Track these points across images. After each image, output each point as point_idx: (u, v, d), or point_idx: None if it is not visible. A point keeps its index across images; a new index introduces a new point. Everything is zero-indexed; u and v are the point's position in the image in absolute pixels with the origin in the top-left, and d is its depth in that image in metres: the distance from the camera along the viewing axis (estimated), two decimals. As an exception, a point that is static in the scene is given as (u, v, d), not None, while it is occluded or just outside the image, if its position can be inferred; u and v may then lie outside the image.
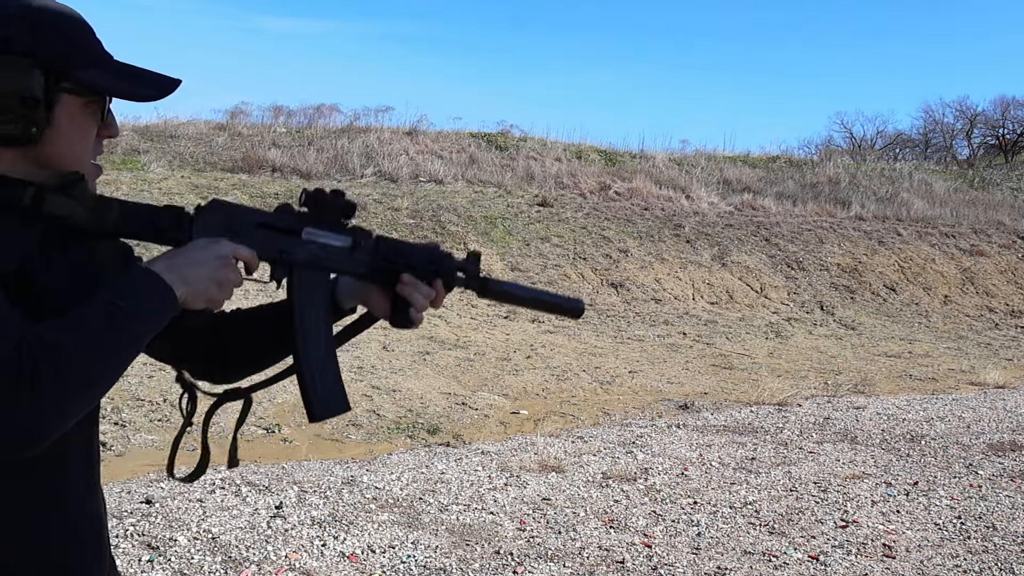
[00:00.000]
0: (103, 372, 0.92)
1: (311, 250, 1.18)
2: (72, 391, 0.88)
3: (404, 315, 1.28)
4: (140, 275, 0.97)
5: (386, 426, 5.79)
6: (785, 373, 8.51)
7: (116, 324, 0.92)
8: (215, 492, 4.14)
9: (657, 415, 6.57)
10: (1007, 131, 34.54)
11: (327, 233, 1.19)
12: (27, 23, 0.95)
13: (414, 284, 1.26)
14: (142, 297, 0.95)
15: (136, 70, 1.06)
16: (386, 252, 1.26)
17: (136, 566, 3.29)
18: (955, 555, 3.81)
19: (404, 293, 1.26)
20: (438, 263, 1.31)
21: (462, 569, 3.44)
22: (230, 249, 1.05)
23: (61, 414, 0.88)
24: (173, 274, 0.99)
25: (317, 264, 1.19)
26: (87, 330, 0.90)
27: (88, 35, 1.03)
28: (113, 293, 0.93)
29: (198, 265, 1.01)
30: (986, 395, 7.83)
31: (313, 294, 1.21)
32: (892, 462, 5.34)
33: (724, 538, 3.91)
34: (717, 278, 12.69)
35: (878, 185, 18.12)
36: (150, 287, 0.97)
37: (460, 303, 10.42)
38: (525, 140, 17.37)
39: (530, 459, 5.05)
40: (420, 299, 1.27)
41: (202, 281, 1.01)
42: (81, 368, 0.88)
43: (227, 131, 14.79)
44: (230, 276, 1.05)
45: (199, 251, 1.03)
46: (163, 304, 0.98)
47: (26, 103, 0.94)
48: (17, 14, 0.95)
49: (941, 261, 14.58)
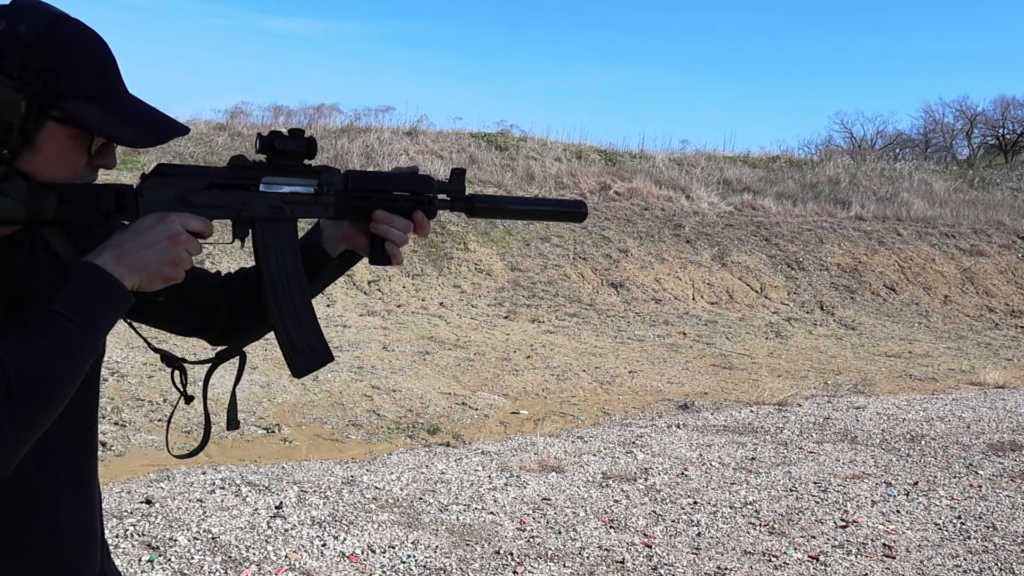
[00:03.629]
0: (60, 390, 0.91)
1: (270, 201, 1.13)
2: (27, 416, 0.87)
3: (381, 252, 1.22)
4: (87, 277, 0.95)
5: (386, 426, 5.79)
6: (785, 373, 8.51)
7: (70, 339, 0.91)
8: (215, 492, 4.14)
9: (657, 415, 6.57)
10: (1007, 131, 34.54)
11: (287, 180, 1.15)
12: (26, 46, 0.94)
13: (388, 219, 1.21)
14: (92, 303, 0.94)
15: (141, 110, 1.03)
16: (355, 189, 1.20)
17: (136, 566, 3.29)
18: (955, 555, 3.81)
19: (379, 231, 1.22)
20: (415, 190, 1.24)
21: (462, 569, 3.44)
22: (179, 224, 1.02)
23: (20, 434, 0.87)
24: (121, 264, 0.97)
25: (280, 216, 1.15)
26: (40, 351, 0.89)
27: (97, 66, 1.01)
28: (65, 306, 0.92)
29: (147, 248, 0.99)
30: (986, 395, 7.83)
31: (280, 246, 1.16)
32: (892, 462, 5.34)
33: (724, 538, 3.91)
34: (717, 278, 12.69)
35: (878, 185, 18.13)
36: (99, 289, 0.95)
37: (460, 303, 10.43)
38: (525, 140, 17.38)
39: (530, 459, 5.05)
40: (397, 234, 1.22)
41: (153, 265, 0.99)
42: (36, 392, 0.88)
43: (227, 131, 14.79)
44: (182, 254, 1.02)
45: (147, 233, 1.00)
46: (114, 305, 0.96)
47: (1, 125, 0.93)
48: (23, 35, 0.94)
49: (941, 261, 14.58)
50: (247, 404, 5.75)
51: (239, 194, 1.11)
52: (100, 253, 0.97)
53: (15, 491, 1.01)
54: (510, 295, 11.04)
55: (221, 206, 1.09)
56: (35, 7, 0.97)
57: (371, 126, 16.83)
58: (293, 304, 1.18)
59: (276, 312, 1.17)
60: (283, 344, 1.18)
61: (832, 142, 37.13)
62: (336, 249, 1.26)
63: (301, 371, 1.19)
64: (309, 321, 1.19)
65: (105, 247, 0.98)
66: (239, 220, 1.12)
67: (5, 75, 0.93)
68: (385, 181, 1.23)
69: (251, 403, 5.83)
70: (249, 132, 14.99)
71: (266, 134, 1.13)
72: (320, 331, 1.21)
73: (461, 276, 11.29)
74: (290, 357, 1.18)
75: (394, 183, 1.24)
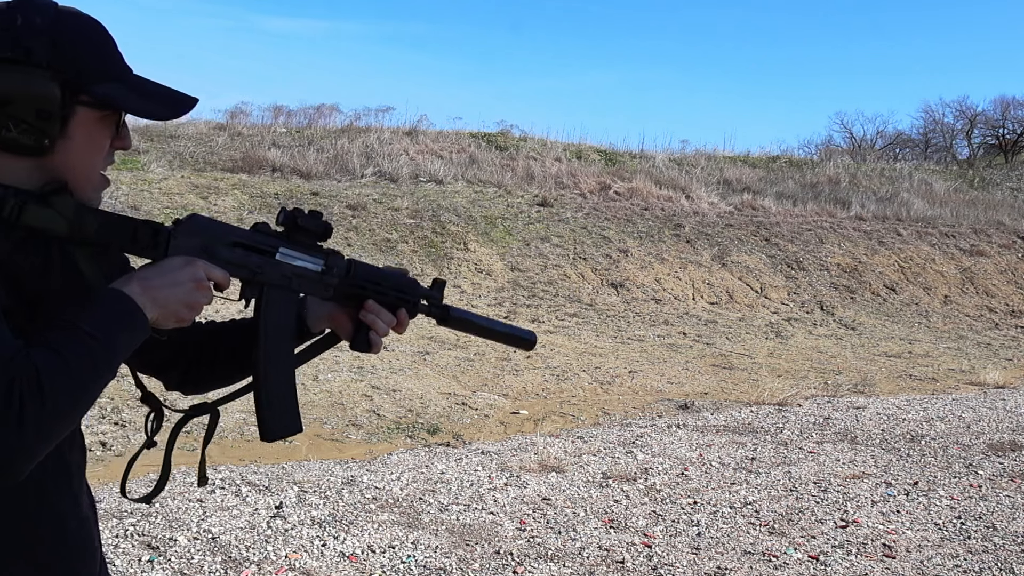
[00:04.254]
0: (80, 404, 0.92)
1: (283, 272, 1.19)
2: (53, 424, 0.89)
3: (364, 339, 1.30)
4: (115, 301, 0.97)
5: (386, 426, 5.79)
6: (785, 373, 8.51)
7: (94, 355, 0.92)
8: (215, 492, 4.14)
9: (657, 415, 6.57)
10: (1007, 131, 34.53)
11: (301, 255, 1.20)
12: (49, 36, 0.97)
13: (377, 311, 1.29)
14: (116, 326, 0.96)
15: (153, 87, 1.07)
16: (356, 277, 1.28)
17: (136, 566, 3.29)
18: (955, 555, 3.81)
19: (367, 320, 1.29)
20: (405, 292, 1.34)
21: (462, 569, 3.44)
22: (204, 271, 1.06)
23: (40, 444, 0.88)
24: (146, 296, 0.99)
25: (288, 286, 1.20)
26: (69, 364, 0.90)
27: (110, 49, 1.05)
28: (90, 324, 0.94)
29: (173, 287, 1.02)
30: (986, 395, 7.83)
31: (280, 315, 1.21)
32: (892, 462, 5.34)
33: (724, 538, 3.91)
34: (717, 278, 12.69)
35: (878, 185, 18.13)
36: (124, 314, 0.97)
37: (460, 303, 10.42)
38: (525, 140, 17.38)
39: (530, 459, 5.05)
40: (382, 326, 1.30)
41: (173, 304, 1.02)
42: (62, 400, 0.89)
43: (227, 131, 14.79)
44: (201, 299, 1.06)
45: (175, 272, 1.03)
46: (135, 331, 0.99)
47: (41, 115, 0.96)
48: (41, 27, 0.96)
49: (941, 261, 14.58)
50: (247, 404, 5.74)
51: (258, 258, 1.16)
52: (128, 282, 1.00)
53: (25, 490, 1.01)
54: (510, 295, 11.04)
55: (240, 265, 1.13)
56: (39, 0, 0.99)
57: (371, 126, 16.83)
58: (279, 370, 1.23)
59: (264, 377, 1.21)
60: (261, 408, 1.22)
61: (832, 142, 37.14)
62: (317, 326, 1.32)
63: (272, 437, 1.23)
64: (291, 391, 1.24)
65: (132, 278, 1.01)
66: (251, 282, 1.17)
67: (36, 66, 0.95)
68: (382, 276, 1.32)
69: (251, 403, 5.81)
70: (249, 132, 14.99)
71: (290, 209, 1.20)
72: (297, 402, 1.26)
73: (461, 276, 11.29)
74: (264, 422, 1.22)
75: (389, 280, 1.33)
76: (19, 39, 0.95)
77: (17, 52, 0.95)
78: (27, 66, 0.95)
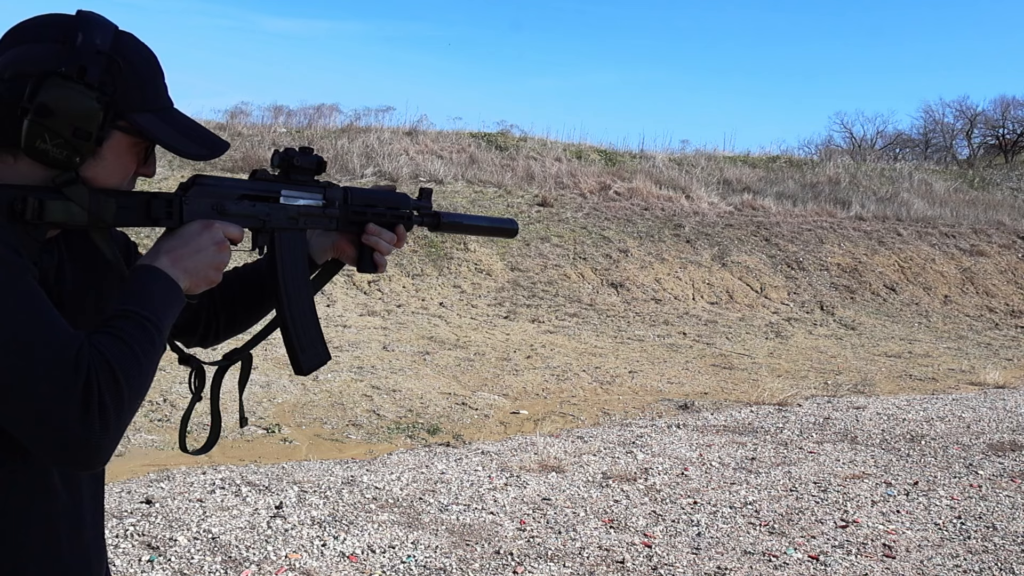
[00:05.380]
0: (145, 384, 0.95)
1: (289, 213, 1.24)
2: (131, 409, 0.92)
3: (369, 261, 1.37)
4: (153, 280, 1.01)
5: (386, 426, 5.79)
6: (785, 373, 8.51)
7: (152, 337, 0.96)
8: (215, 492, 4.14)
9: (657, 415, 6.57)
10: (1007, 131, 34.53)
11: (301, 193, 1.25)
12: (106, 58, 0.98)
13: (379, 232, 1.35)
14: (162, 303, 1.00)
15: (189, 124, 1.08)
16: (354, 203, 1.34)
17: (136, 566, 3.29)
18: (955, 555, 3.81)
19: (370, 242, 1.35)
20: (400, 207, 1.40)
21: (462, 569, 3.44)
22: (222, 231, 1.09)
23: (121, 432, 0.91)
24: (177, 268, 1.03)
25: (295, 226, 1.26)
26: (134, 349, 0.93)
27: (158, 80, 1.06)
28: (145, 308, 0.97)
29: (198, 253, 1.06)
30: (986, 395, 7.83)
31: (293, 254, 1.26)
32: (892, 462, 5.34)
33: (724, 538, 3.91)
34: (717, 278, 12.68)
35: (878, 185, 18.12)
36: (166, 291, 1.01)
37: (460, 303, 10.43)
38: (525, 140, 17.38)
39: (530, 459, 5.05)
40: (384, 245, 1.36)
41: (203, 269, 1.06)
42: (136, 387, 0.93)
43: (227, 131, 14.78)
44: (225, 259, 1.10)
45: (197, 238, 1.07)
46: (176, 304, 1.03)
47: (78, 134, 0.96)
48: (100, 48, 0.98)
49: (941, 261, 14.58)
50: (247, 404, 5.75)
51: (264, 206, 1.21)
52: (157, 257, 1.03)
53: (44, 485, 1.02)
54: (510, 295, 11.04)
55: (250, 216, 1.19)
56: (100, 19, 1.01)
57: (371, 126, 16.83)
58: (302, 308, 1.29)
59: (288, 315, 1.27)
60: (291, 345, 1.27)
61: (832, 142, 37.15)
62: (322, 257, 1.37)
63: (307, 369, 1.30)
64: (314, 322, 1.31)
65: (159, 251, 1.04)
66: (262, 230, 1.23)
67: (87, 86, 0.96)
68: (376, 197, 1.38)
69: (251, 403, 5.82)
70: (249, 132, 14.99)
71: (282, 150, 1.24)
72: (321, 332, 1.33)
73: (461, 276, 11.29)
74: (296, 356, 1.28)
75: (383, 199, 1.39)
76: (77, 56, 0.96)
77: (71, 69, 0.96)
78: (78, 84, 0.95)
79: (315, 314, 1.31)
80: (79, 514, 1.09)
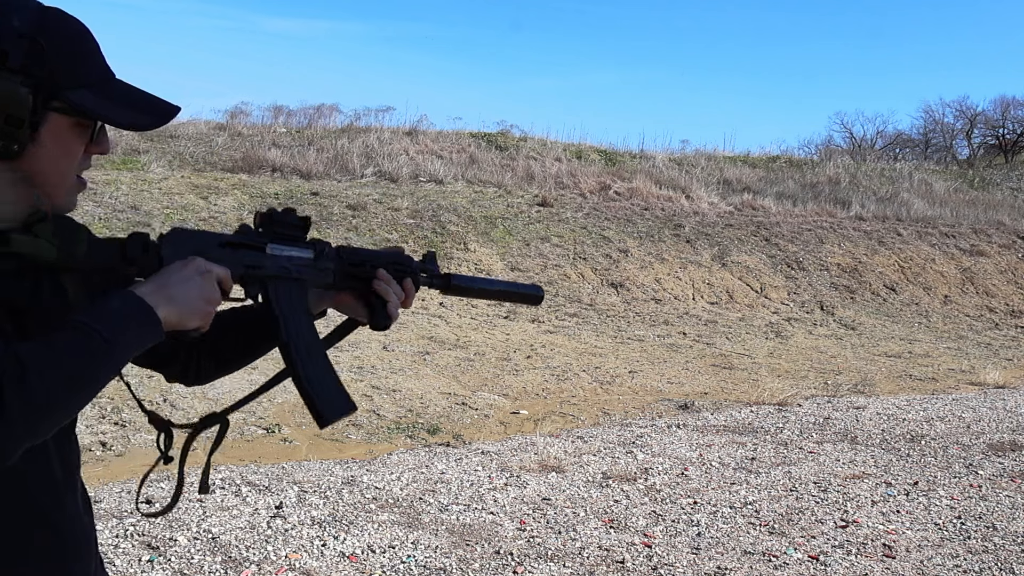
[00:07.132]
0: (72, 396, 0.90)
1: (279, 263, 1.19)
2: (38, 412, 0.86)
3: (382, 315, 1.31)
4: (121, 299, 0.96)
5: (386, 426, 5.79)
6: (785, 373, 8.51)
7: (91, 346, 0.90)
8: (215, 492, 4.14)
9: (657, 415, 6.57)
10: (1007, 131, 34.53)
11: (289, 247, 1.21)
12: (27, 40, 0.93)
13: (389, 281, 1.31)
14: (122, 322, 0.94)
15: (134, 94, 1.03)
16: (349, 258, 1.29)
17: (136, 566, 3.29)
18: (955, 555, 3.81)
19: (380, 290, 1.30)
20: (403, 264, 1.36)
21: (462, 569, 3.44)
22: (205, 265, 1.04)
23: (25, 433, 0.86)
24: (158, 295, 0.98)
25: (288, 275, 1.21)
26: (59, 353, 0.88)
27: (90, 53, 1.01)
28: (93, 317, 0.92)
29: (184, 283, 1.01)
30: (986, 395, 7.83)
31: (293, 304, 1.21)
32: (892, 462, 5.33)
33: (724, 538, 3.91)
34: (717, 278, 12.68)
35: (878, 185, 18.13)
36: (131, 311, 0.95)
37: (460, 303, 10.42)
38: (525, 140, 17.38)
39: (530, 459, 5.05)
40: (395, 297, 1.31)
41: (191, 300, 1.01)
42: (49, 390, 0.86)
43: (227, 131, 14.78)
44: (215, 292, 1.05)
45: (180, 270, 1.02)
46: (144, 325, 0.96)
47: (10, 121, 0.92)
48: (18, 29, 0.93)
49: (941, 261, 14.58)
50: (248, 404, 5.73)
51: (247, 253, 1.16)
52: (138, 287, 0.98)
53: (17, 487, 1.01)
54: (510, 295, 11.04)
55: (235, 262, 1.13)
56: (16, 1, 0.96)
57: (371, 126, 16.83)
58: (314, 358, 1.23)
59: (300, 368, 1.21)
60: (309, 399, 1.21)
61: (832, 142, 37.16)
62: (317, 308, 1.32)
63: (327, 421, 1.22)
64: (330, 373, 1.24)
65: (143, 282, 1.00)
66: (249, 278, 1.17)
67: (10, 71, 0.92)
68: (374, 253, 1.33)
69: (251, 403, 5.81)
70: (249, 132, 14.99)
71: (264, 211, 1.20)
72: (340, 382, 1.25)
73: (461, 276, 11.29)
74: (316, 410, 1.21)
75: (383, 255, 1.34)
76: None
77: None
78: (1, 71, 0.91)
79: (328, 362, 1.24)
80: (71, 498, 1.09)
